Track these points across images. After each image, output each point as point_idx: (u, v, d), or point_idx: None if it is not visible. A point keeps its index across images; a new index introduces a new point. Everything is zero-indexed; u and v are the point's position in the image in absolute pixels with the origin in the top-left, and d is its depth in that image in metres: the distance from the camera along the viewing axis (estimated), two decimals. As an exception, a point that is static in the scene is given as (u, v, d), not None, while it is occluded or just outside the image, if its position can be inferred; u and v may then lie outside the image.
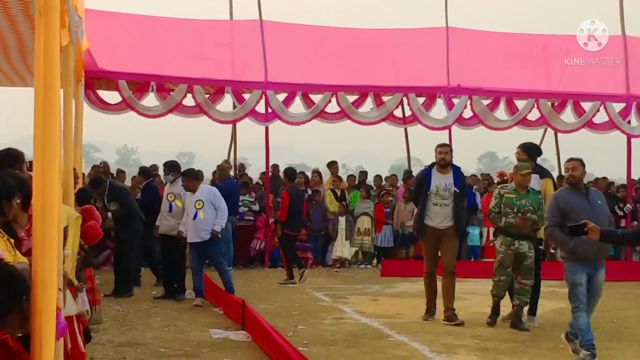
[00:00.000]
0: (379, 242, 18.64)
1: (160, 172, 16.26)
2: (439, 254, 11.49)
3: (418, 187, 11.53)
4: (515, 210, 10.49)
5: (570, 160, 9.25)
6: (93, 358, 8.28)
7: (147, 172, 16.27)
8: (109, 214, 12.91)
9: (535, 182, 10.96)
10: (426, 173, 11.37)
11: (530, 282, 10.73)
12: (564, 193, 9.17)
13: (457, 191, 11.18)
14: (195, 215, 12.44)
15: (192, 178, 12.71)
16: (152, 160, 21.94)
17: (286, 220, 15.55)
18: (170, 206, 13.19)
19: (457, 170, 11.35)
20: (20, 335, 3.72)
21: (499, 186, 10.99)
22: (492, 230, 18.90)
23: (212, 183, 16.95)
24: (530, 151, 11.27)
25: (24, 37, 9.80)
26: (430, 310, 11.41)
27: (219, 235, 12.59)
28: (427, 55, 18.66)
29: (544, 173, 11.28)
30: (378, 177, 20.74)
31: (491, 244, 11.47)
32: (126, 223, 13.17)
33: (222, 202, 12.63)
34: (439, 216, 11.17)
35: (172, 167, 13.54)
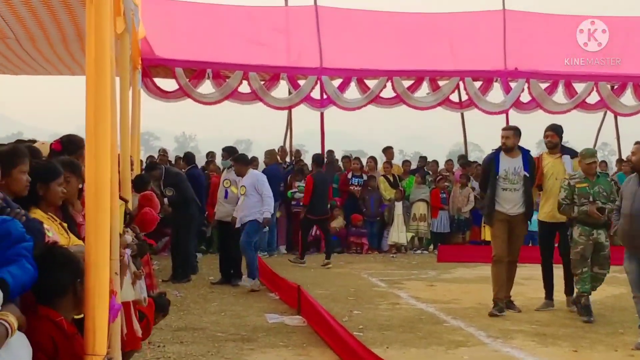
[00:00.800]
0: (435, 227, 18.54)
1: (218, 157, 16.39)
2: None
3: (485, 172, 11.06)
4: (590, 199, 10.09)
5: (638, 143, 9.00)
6: (151, 342, 8.39)
7: (190, 158, 16.36)
8: (166, 200, 13.04)
9: (568, 163, 10.76)
10: (493, 157, 10.86)
11: (607, 271, 10.37)
12: (631, 178, 9.01)
13: (527, 175, 10.67)
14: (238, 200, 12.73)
15: (241, 163, 12.79)
16: (210, 148, 22.12)
17: (309, 204, 15.82)
18: (226, 192, 13.31)
19: (526, 154, 10.83)
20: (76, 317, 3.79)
21: (566, 176, 10.57)
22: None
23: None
24: (560, 132, 11.02)
25: (81, 25, 9.92)
26: (497, 305, 10.70)
27: (270, 224, 12.59)
28: (483, 39, 18.45)
29: (573, 153, 11.04)
30: (434, 163, 20.63)
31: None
32: (182, 209, 13.26)
33: (266, 187, 12.62)
34: (510, 202, 10.69)
35: (230, 152, 13.61)
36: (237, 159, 12.97)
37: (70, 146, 6.23)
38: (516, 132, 10.93)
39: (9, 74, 16.58)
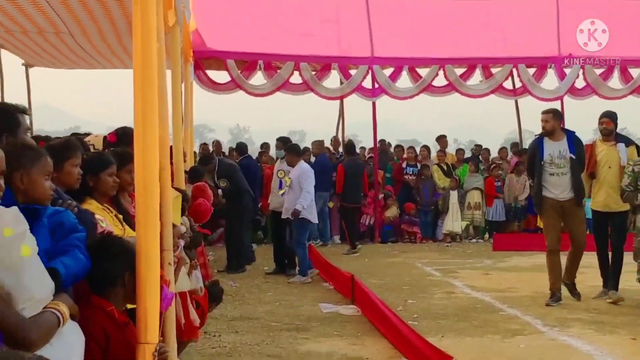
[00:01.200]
0: (490, 216, 18.37)
1: (272, 149, 16.46)
2: (564, 230, 10.70)
3: (530, 158, 10.82)
4: None
5: None
6: (206, 332, 8.46)
7: (243, 148, 16.40)
8: (219, 191, 13.11)
9: (623, 152, 10.51)
10: (537, 143, 10.59)
11: None
12: None
13: (574, 157, 10.35)
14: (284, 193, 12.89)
15: (293, 153, 12.81)
16: (263, 139, 22.21)
17: (342, 192, 16.01)
18: (280, 183, 13.35)
19: (571, 135, 10.50)
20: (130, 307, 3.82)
21: (630, 162, 10.24)
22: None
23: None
24: (615, 119, 10.75)
25: (132, 17, 10.01)
26: (554, 296, 10.41)
27: (298, 216, 12.44)
28: (536, 25, 18.18)
29: (628, 141, 10.80)
30: (485, 151, 20.44)
31: (629, 225, 10.80)
32: (235, 200, 13.33)
33: (307, 182, 12.53)
34: (558, 187, 10.39)
35: (285, 142, 13.60)
36: (289, 149, 13.01)
37: (124, 138, 6.30)
38: (555, 114, 10.63)
39: (63, 68, 16.85)
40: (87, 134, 8.26)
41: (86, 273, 3.43)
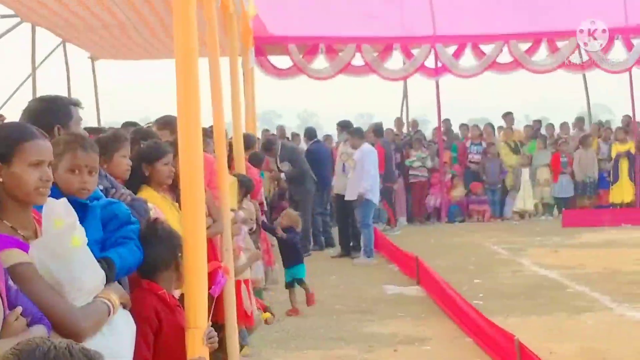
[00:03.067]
0: (556, 192, 18.09)
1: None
2: None
3: None
4: None
5: None
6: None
7: (312, 133, 16.23)
8: (282, 175, 13.13)
9: None
10: None
11: None
12: None
13: None
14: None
15: (357, 136, 12.77)
16: (332, 123, 22.23)
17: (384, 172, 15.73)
18: (343, 166, 13.33)
19: None
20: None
21: None
22: None
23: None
24: None
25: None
26: None
27: (363, 197, 12.44)
28: (601, -4, 17.79)
29: None
30: (550, 126, 20.10)
31: None
32: (299, 183, 13.31)
33: (368, 162, 12.53)
34: None
35: (345, 126, 13.59)
36: (353, 132, 13.00)
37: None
38: None
39: (129, 59, 17.11)
40: (150, 124, 8.39)
41: (139, 265, 3.50)
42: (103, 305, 3.04)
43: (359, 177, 12.43)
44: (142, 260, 3.50)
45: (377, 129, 15.82)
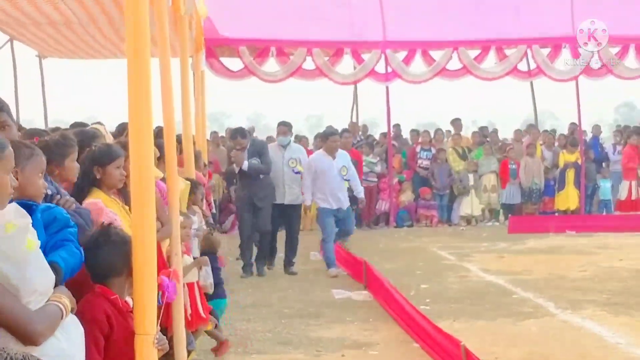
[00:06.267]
0: (504, 198, 18.33)
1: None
2: None
3: None
4: None
5: None
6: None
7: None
8: (246, 166, 11.81)
9: None
10: None
11: None
12: None
13: None
14: None
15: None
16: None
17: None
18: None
19: None
20: None
21: None
22: (634, 183, 18.36)
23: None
24: None
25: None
26: None
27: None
28: (550, 4, 18.01)
29: None
30: (494, 133, 20.34)
31: None
32: (264, 184, 12.09)
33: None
34: None
35: (289, 126, 12.97)
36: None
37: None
38: None
39: (77, 59, 16.90)
40: (99, 124, 8.30)
41: (80, 266, 3.48)
42: (56, 308, 3.03)
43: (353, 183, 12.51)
44: (82, 261, 3.49)
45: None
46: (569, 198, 18.18)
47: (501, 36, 17.82)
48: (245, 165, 11.63)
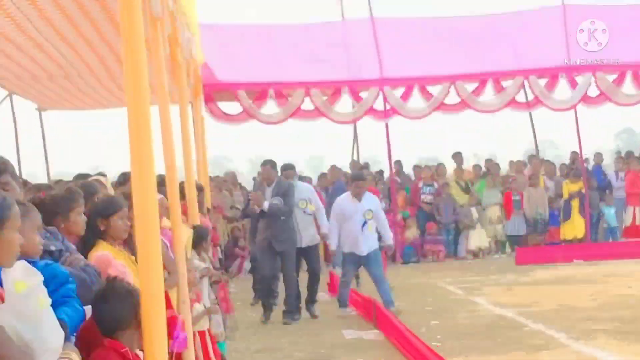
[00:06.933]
0: (509, 230, 18.30)
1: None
2: None
3: None
4: None
5: None
6: (230, 365, 8.42)
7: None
8: (266, 206, 11.47)
9: None
10: None
11: None
12: None
13: None
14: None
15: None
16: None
17: None
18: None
19: None
20: None
21: None
22: (637, 208, 18.34)
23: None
24: None
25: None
26: None
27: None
28: (544, 35, 18.08)
29: None
30: (495, 165, 20.31)
31: None
32: (286, 228, 11.72)
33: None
34: None
35: (287, 167, 12.85)
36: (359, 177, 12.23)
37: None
38: None
39: (77, 109, 16.96)
40: (101, 174, 8.29)
41: (82, 323, 3.47)
42: None
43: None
44: (84, 318, 3.47)
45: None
46: (575, 227, 18.12)
47: (498, 68, 17.89)
48: (266, 205, 11.25)
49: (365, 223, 11.47)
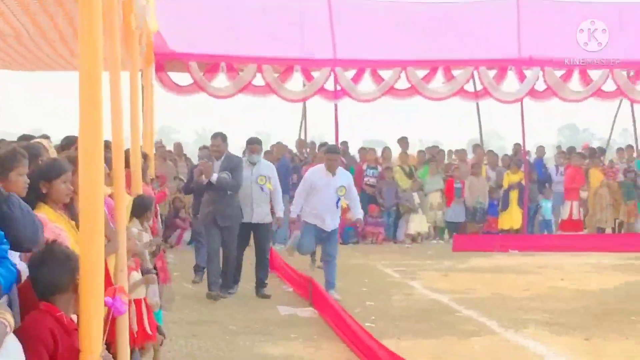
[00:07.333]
0: (449, 217, 18.54)
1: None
2: None
3: None
4: None
5: None
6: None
7: None
8: (214, 178, 11.09)
9: None
10: None
11: None
12: None
13: None
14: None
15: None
16: (230, 140, 22.15)
17: None
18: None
19: None
20: None
21: None
22: (575, 203, 18.73)
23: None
24: None
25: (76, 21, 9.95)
26: None
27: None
28: (497, 27, 18.30)
29: None
30: (441, 153, 20.57)
31: None
32: (229, 202, 11.43)
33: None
34: None
35: (259, 142, 12.19)
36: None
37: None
38: None
39: (24, 70, 16.71)
40: (45, 137, 8.23)
41: (16, 283, 3.48)
42: (1, 324, 3.01)
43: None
44: (19, 278, 3.48)
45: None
46: (512, 218, 18.44)
47: (449, 57, 18.05)
48: (214, 177, 10.94)
49: (339, 200, 11.35)
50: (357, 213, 11.80)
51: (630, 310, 9.97)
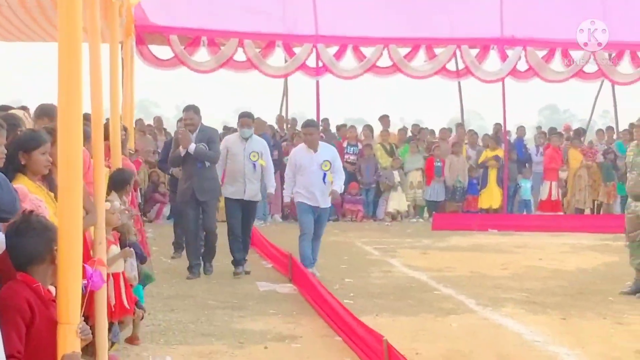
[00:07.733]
0: (428, 195, 18.57)
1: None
2: None
3: None
4: (631, 168, 9.79)
5: None
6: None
7: None
8: (192, 148, 10.80)
9: None
10: None
11: None
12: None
13: None
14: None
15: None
16: (210, 116, 22.12)
17: None
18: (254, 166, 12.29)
19: None
20: None
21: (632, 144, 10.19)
22: (554, 184, 18.81)
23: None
24: None
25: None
26: None
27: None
28: (480, 6, 18.26)
29: None
30: (424, 131, 20.58)
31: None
32: (209, 176, 11.20)
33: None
34: None
35: (252, 117, 11.93)
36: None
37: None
38: None
39: (3, 40, 16.53)
40: (23, 108, 8.14)
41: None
42: None
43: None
44: (3, 246, 3.45)
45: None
46: (491, 197, 18.52)
47: (432, 35, 18.01)
48: (192, 148, 10.64)
49: (325, 175, 11.05)
50: (335, 185, 11.26)
51: (607, 291, 10.03)
